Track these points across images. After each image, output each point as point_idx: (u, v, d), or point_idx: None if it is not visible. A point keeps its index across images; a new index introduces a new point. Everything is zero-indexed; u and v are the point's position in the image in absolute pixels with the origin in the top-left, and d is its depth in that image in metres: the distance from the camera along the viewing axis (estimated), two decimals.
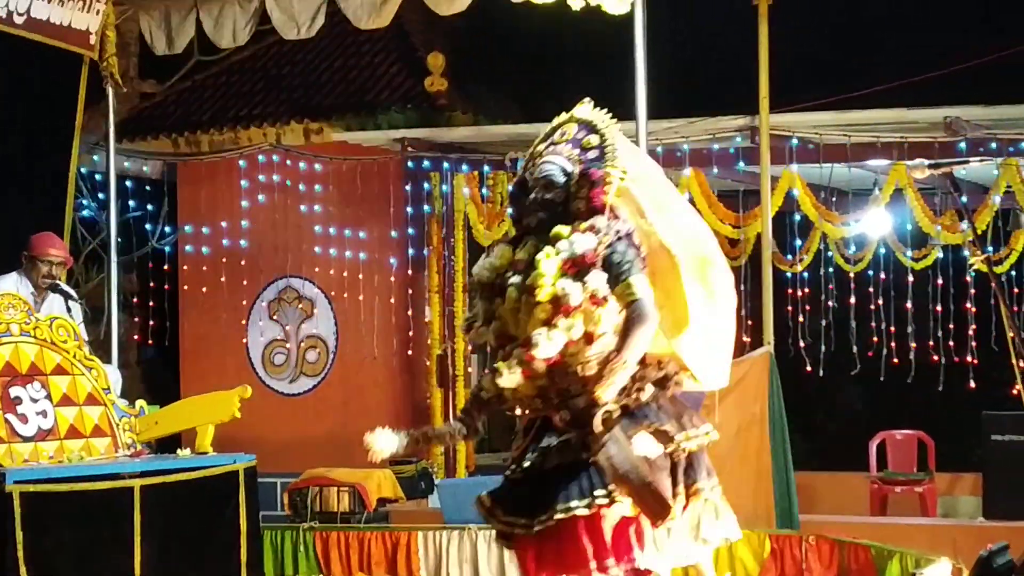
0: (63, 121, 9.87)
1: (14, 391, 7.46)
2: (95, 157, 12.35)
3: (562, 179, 5.41)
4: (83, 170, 11.65)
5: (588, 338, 5.16)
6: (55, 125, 9.89)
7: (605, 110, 5.65)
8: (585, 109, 5.60)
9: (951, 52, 12.11)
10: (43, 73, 9.64)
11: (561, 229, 5.31)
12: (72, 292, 8.54)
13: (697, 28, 14.40)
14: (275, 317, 13.33)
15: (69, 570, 6.95)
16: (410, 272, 12.72)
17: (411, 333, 12.74)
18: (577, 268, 5.20)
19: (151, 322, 13.51)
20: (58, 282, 8.36)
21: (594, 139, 5.52)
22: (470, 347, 12.55)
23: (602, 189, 5.34)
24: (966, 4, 14.96)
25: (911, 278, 11.75)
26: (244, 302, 13.35)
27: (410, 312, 12.75)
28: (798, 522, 8.71)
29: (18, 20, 9.17)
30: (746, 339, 12.13)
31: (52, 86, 9.81)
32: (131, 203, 13.20)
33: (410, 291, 12.76)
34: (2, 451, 7.15)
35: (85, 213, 12.52)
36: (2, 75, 8.93)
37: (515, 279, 5.32)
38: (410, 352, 12.78)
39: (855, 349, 11.96)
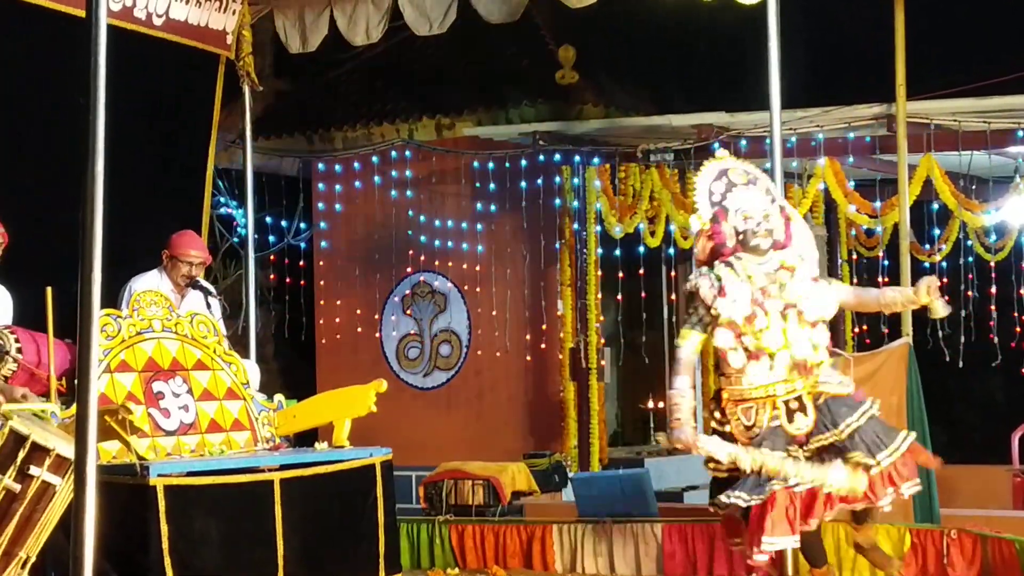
0: (201, 120, 10.03)
1: (157, 386, 7.60)
2: (231, 155, 12.54)
3: None
4: (220, 168, 11.84)
5: None
6: (193, 124, 10.04)
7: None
8: None
9: None
10: (181, 73, 9.80)
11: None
12: (211, 288, 8.67)
13: (831, 15, 14.20)
14: (408, 311, 13.43)
15: (211, 561, 7.05)
16: (542, 266, 12.74)
17: (544, 327, 12.76)
18: None
19: (288, 317, 13.69)
20: (198, 279, 8.49)
21: None
22: (602, 340, 12.53)
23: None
24: None
25: None
26: (378, 297, 13.48)
27: (543, 305, 12.77)
28: (939, 516, 8.56)
29: (157, 22, 9.34)
30: (884, 330, 11.98)
31: (190, 86, 9.97)
32: (267, 200, 13.38)
33: (542, 284, 12.78)
34: (146, 445, 7.29)
35: (222, 211, 12.73)
36: (142, 76, 9.08)
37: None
38: (543, 345, 12.80)
39: (996, 339, 11.74)
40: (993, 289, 11.73)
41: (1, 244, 7.21)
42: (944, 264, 11.76)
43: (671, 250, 12.58)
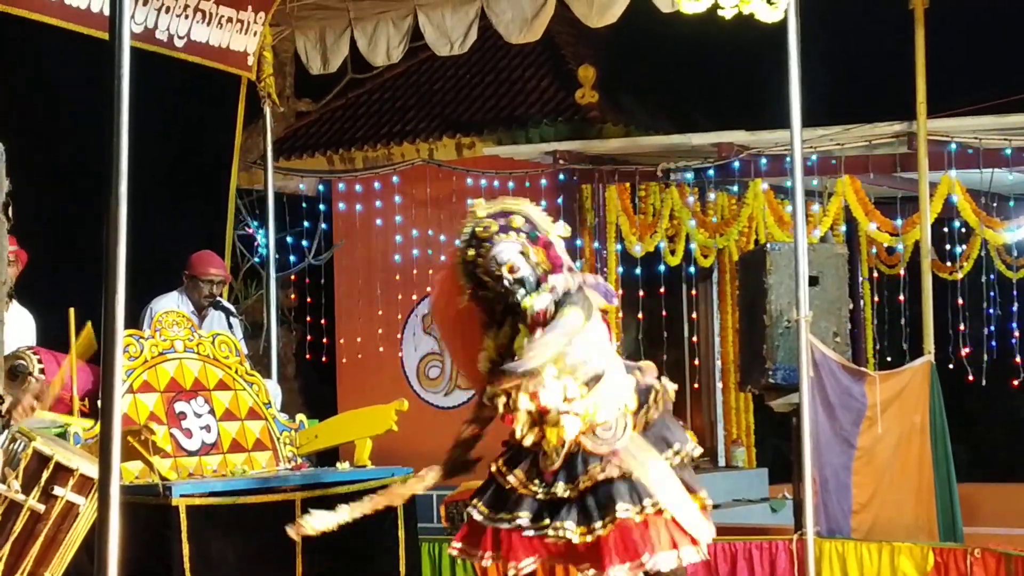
0: (222, 141, 10.07)
1: (179, 406, 7.62)
2: (252, 176, 12.58)
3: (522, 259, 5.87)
4: (241, 188, 11.87)
5: None
6: (215, 145, 10.09)
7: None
8: (487, 207, 6.23)
9: None
10: (203, 95, 9.84)
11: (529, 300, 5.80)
12: (233, 309, 8.70)
13: (851, 34, 14.20)
14: (429, 331, 13.43)
15: None
16: None
17: None
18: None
19: (309, 337, 13.71)
20: (219, 299, 8.52)
21: (517, 219, 6.07)
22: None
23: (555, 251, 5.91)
24: None
25: None
26: (399, 316, 13.48)
27: None
28: (962, 534, 8.53)
29: (178, 43, 9.39)
30: (905, 347, 11.95)
31: (211, 107, 10.01)
32: (288, 220, 13.42)
33: None
34: (168, 465, 7.31)
35: (243, 231, 12.76)
36: (164, 97, 9.13)
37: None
38: None
39: (1018, 357, 11.70)
40: (1015, 307, 11.70)
41: (20, 265, 7.24)
42: (966, 282, 11.73)
43: (691, 269, 12.57)
